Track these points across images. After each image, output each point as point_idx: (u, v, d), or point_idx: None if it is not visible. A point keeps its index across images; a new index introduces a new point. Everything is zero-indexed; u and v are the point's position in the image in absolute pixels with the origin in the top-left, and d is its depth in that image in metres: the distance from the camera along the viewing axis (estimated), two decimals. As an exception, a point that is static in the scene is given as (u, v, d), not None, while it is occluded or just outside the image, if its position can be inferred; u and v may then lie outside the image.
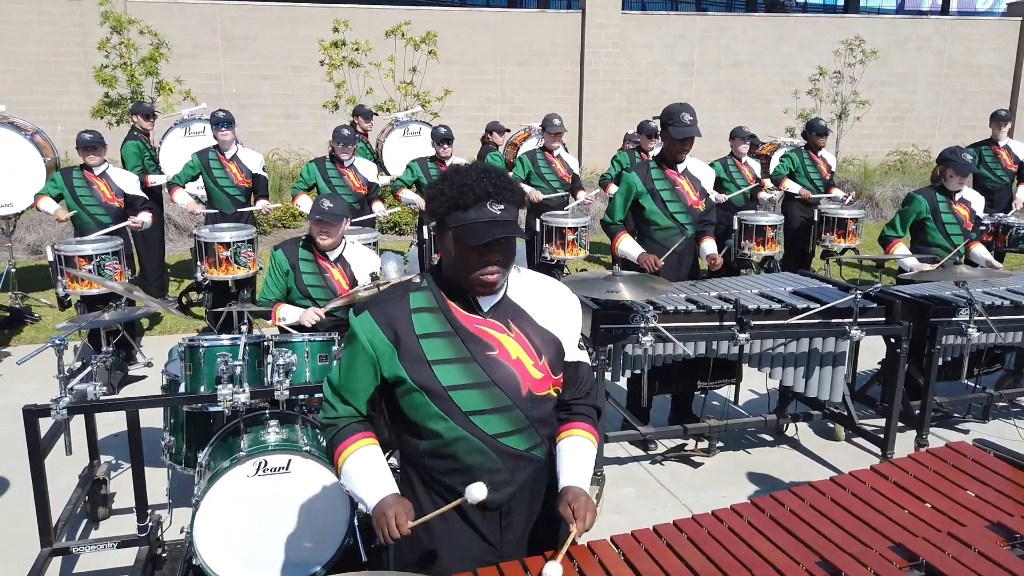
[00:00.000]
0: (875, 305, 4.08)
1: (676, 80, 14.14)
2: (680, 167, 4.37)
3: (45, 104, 11.48)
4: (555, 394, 1.97)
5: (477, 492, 1.77)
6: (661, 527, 2.09)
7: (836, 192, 7.40)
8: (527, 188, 6.79)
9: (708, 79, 14.27)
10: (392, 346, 1.85)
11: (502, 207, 1.77)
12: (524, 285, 1.96)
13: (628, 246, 4.39)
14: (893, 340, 4.15)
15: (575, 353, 2.01)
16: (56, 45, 11.80)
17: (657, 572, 1.89)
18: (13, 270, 7.02)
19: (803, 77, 12.79)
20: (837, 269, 7.62)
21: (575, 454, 1.96)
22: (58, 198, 5.88)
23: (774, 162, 8.67)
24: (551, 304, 1.97)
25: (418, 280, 1.93)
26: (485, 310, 1.89)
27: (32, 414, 3.04)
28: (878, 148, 14.70)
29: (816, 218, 7.25)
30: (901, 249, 4.86)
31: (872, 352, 4.89)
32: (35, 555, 3.13)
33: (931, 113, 15.37)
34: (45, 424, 3.14)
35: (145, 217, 5.91)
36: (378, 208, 6.43)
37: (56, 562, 3.35)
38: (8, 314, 6.69)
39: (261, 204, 6.34)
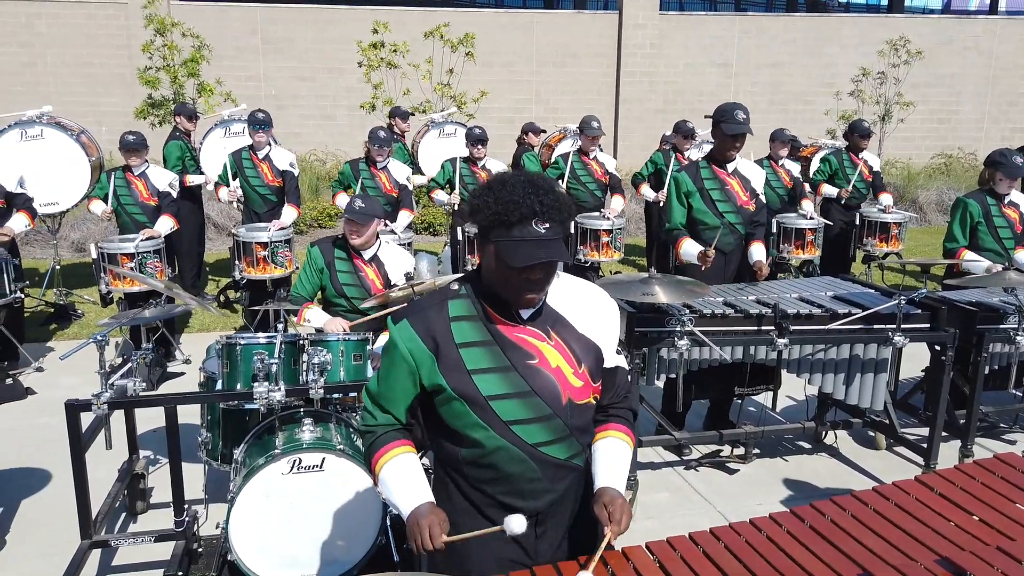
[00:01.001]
0: (919, 311, 3.97)
1: (714, 81, 13.99)
2: (730, 167, 4.32)
3: (91, 105, 11.76)
4: (594, 402, 1.94)
5: (516, 526, 1.74)
6: (697, 534, 2.05)
7: (884, 198, 7.22)
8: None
9: (747, 80, 14.09)
10: (432, 355, 1.83)
11: (547, 226, 1.72)
12: (563, 291, 1.93)
13: (690, 247, 4.30)
14: (938, 347, 4.04)
15: (613, 359, 1.98)
16: (102, 48, 12.09)
17: (693, 580, 1.85)
18: (58, 267, 7.19)
19: (845, 78, 12.57)
20: (879, 274, 7.48)
21: (611, 456, 1.94)
22: (104, 198, 6.00)
23: (815, 164, 8.53)
24: (590, 310, 1.94)
25: (457, 287, 1.91)
26: (525, 318, 1.86)
27: (74, 408, 3.10)
28: (922, 151, 14.37)
29: (858, 222, 7.10)
30: (970, 255, 4.72)
31: (916, 359, 4.77)
32: (75, 547, 3.19)
33: (978, 115, 14.98)
34: (86, 418, 3.20)
35: (161, 227, 5.89)
36: (402, 219, 6.37)
37: (96, 554, 3.41)
38: (53, 310, 6.85)
39: (274, 225, 6.02)
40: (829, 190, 7.17)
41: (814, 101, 13.58)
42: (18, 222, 5.81)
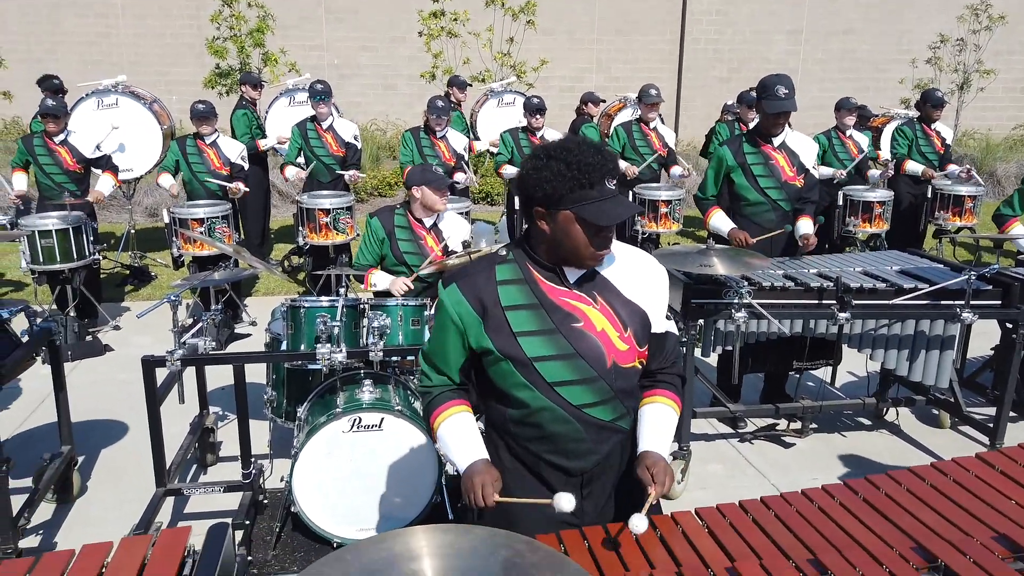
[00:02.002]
0: (990, 287, 3.84)
1: (782, 49, 13.54)
2: (776, 140, 4.20)
3: (162, 75, 12.11)
4: (640, 366, 1.97)
5: (566, 503, 1.78)
6: (747, 502, 2.06)
7: (952, 168, 6.92)
8: (622, 164, 6.69)
9: (817, 47, 13.60)
10: (479, 318, 1.88)
11: (615, 182, 1.80)
12: (611, 257, 1.95)
13: (719, 221, 4.28)
14: (1009, 325, 3.90)
15: (662, 324, 1.99)
16: (173, 18, 12.40)
17: (741, 546, 1.87)
18: (133, 231, 7.50)
19: (922, 45, 12.02)
20: (950, 249, 7.22)
21: (656, 420, 1.97)
22: (175, 167, 6.21)
23: (886, 135, 8.21)
24: (638, 276, 1.95)
25: (504, 252, 1.95)
26: (572, 282, 1.89)
27: (150, 364, 3.27)
28: (1003, 121, 13.68)
29: (929, 194, 6.83)
30: (1018, 229, 4.54)
31: (985, 337, 4.62)
32: (151, 494, 3.38)
33: (1065, 83, 14.16)
34: (160, 374, 3.36)
35: (239, 185, 6.13)
36: (459, 177, 6.50)
37: (169, 501, 3.61)
38: (128, 272, 7.16)
39: (348, 174, 6.50)
40: (914, 167, 6.79)
41: (888, 69, 13.03)
42: (106, 184, 6.11)
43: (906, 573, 1.70)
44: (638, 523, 1.73)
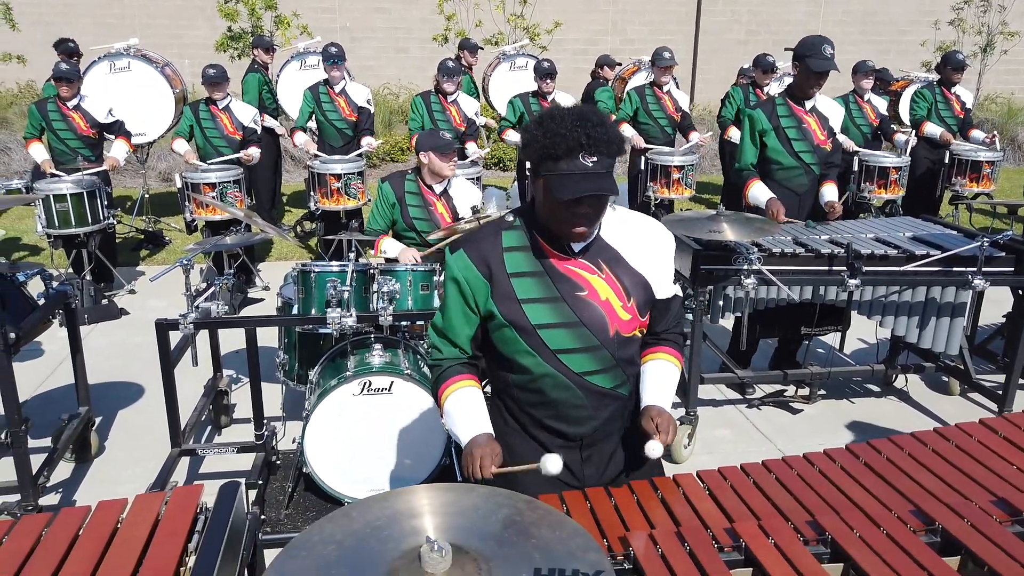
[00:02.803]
0: (1004, 254, 3.81)
1: (802, 10, 13.26)
2: (808, 104, 4.14)
3: (174, 38, 12.05)
4: (640, 335, 1.99)
5: (552, 465, 1.76)
6: (749, 465, 2.09)
7: (976, 133, 6.79)
8: (630, 133, 6.62)
9: (837, 8, 13.30)
10: (486, 283, 1.89)
11: (595, 159, 1.72)
12: (618, 225, 1.95)
13: (759, 191, 4.14)
14: (1021, 292, 3.88)
15: (669, 289, 2.00)
16: (185, -20, 12.31)
17: (742, 508, 1.89)
18: (147, 196, 7.54)
19: (945, 5, 11.73)
20: (967, 216, 7.13)
21: (659, 376, 2.00)
22: (189, 132, 6.21)
23: (905, 99, 8.08)
24: (645, 244, 1.95)
25: (511, 219, 1.95)
26: (576, 251, 1.90)
27: (163, 327, 3.32)
28: (1027, 85, 13.40)
29: (947, 160, 6.73)
30: None
31: (998, 305, 4.59)
32: (166, 454, 3.46)
33: (1093, 46, 13.80)
34: (174, 337, 3.42)
35: (254, 151, 6.14)
36: (471, 149, 6.43)
37: (184, 461, 3.70)
38: (143, 236, 7.23)
39: (365, 142, 6.43)
40: (932, 129, 6.67)
41: (910, 31, 12.75)
42: (119, 150, 6.12)
43: (903, 535, 1.72)
44: (654, 447, 1.82)
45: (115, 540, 1.71)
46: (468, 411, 1.96)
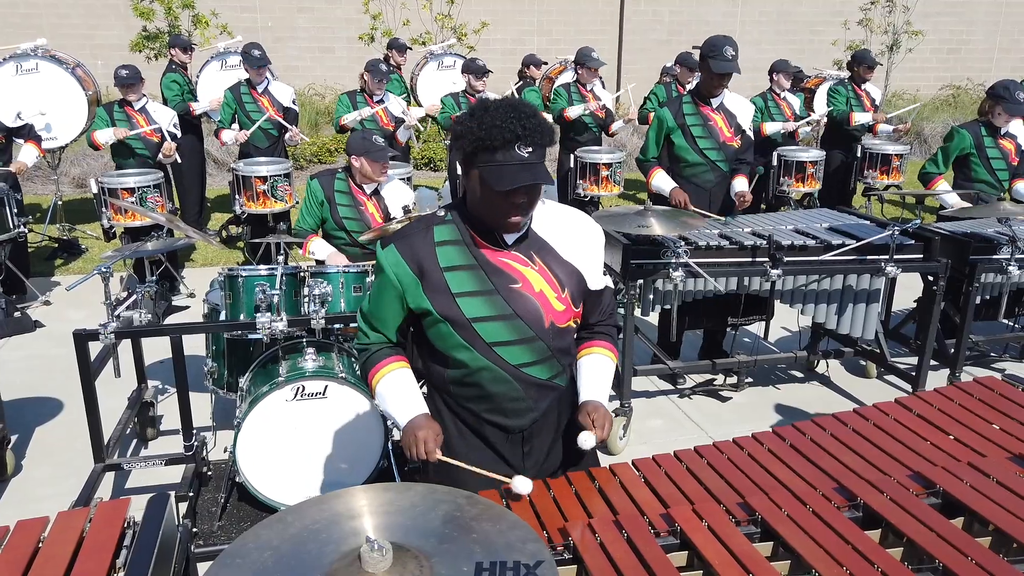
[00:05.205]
0: (913, 242, 4.01)
1: (720, 11, 13.65)
2: (715, 102, 4.27)
3: (85, 38, 11.55)
4: (575, 325, 2.02)
5: (521, 486, 1.85)
6: (682, 452, 2.15)
7: (884, 127, 7.14)
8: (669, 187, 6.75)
9: (754, 9, 13.75)
10: (416, 279, 1.89)
11: (530, 150, 1.75)
12: (548, 217, 1.98)
13: (661, 180, 4.34)
14: (930, 277, 4.09)
15: (599, 281, 2.04)
16: (94, -22, 11.80)
17: (676, 494, 1.94)
18: (60, 203, 7.21)
19: (854, 6, 12.25)
20: (879, 207, 7.46)
21: (595, 370, 2.04)
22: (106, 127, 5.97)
23: (819, 95, 8.40)
24: (574, 235, 1.99)
25: (442, 213, 1.96)
26: (509, 243, 1.91)
27: (82, 338, 3.18)
28: (931, 82, 14.12)
29: (860, 154, 7.05)
30: (943, 186, 4.74)
31: (909, 291, 4.83)
32: (89, 470, 3.32)
33: (988, 46, 14.65)
34: (95, 348, 3.28)
35: (26, 157, 5.79)
36: (401, 133, 6.49)
37: (109, 477, 3.55)
38: (57, 245, 6.91)
39: (289, 133, 6.36)
40: (862, 117, 6.91)
41: (823, 31, 13.27)
42: (28, 154, 5.82)
43: (828, 512, 1.79)
44: (587, 439, 1.90)
45: (36, 560, 1.64)
46: (403, 392, 1.97)
